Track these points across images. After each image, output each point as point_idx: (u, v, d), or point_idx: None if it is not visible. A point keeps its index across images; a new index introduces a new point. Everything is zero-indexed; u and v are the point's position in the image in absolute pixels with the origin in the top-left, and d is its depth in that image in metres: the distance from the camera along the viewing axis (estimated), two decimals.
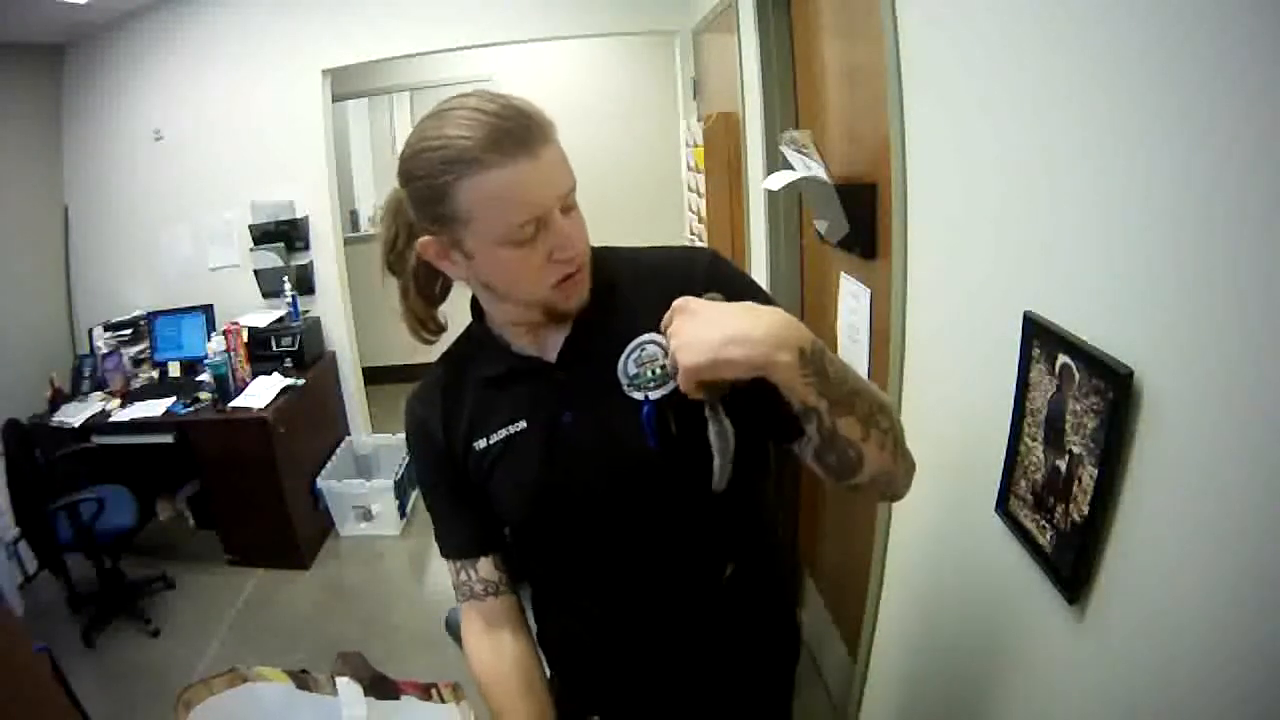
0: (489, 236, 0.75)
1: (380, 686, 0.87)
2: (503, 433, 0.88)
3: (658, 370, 0.83)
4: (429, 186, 0.74)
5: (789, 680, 1.06)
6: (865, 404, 0.73)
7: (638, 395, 0.83)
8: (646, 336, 0.84)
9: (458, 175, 0.71)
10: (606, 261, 0.88)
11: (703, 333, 0.68)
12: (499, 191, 0.71)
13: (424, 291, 0.89)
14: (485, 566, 0.94)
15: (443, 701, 0.89)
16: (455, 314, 0.96)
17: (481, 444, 0.89)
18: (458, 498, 0.93)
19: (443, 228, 0.76)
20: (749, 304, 0.72)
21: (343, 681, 0.84)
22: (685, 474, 0.83)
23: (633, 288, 0.87)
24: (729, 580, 0.91)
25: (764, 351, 0.67)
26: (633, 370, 0.84)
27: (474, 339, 0.93)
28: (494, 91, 0.75)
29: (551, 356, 0.87)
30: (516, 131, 0.71)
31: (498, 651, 0.93)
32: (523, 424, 0.87)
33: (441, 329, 0.92)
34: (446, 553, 0.96)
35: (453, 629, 0.91)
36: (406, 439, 0.96)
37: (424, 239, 0.79)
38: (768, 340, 0.68)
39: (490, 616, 0.94)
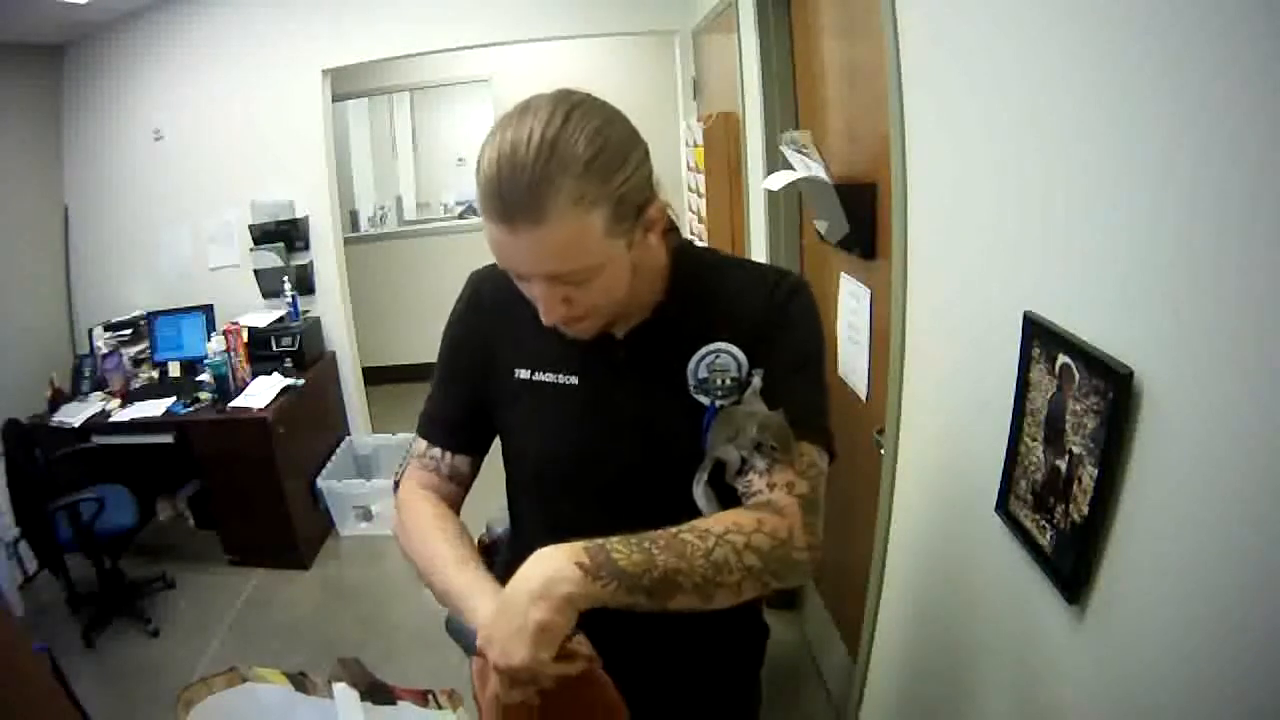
0: None
1: (377, 693, 0.87)
2: (550, 376, 0.89)
3: (728, 381, 0.85)
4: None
5: (753, 684, 1.05)
6: (698, 574, 0.70)
7: (704, 399, 0.86)
8: (721, 345, 0.86)
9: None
10: (696, 261, 0.91)
11: (502, 627, 0.65)
12: (487, 235, 0.74)
13: None
14: (461, 460, 0.95)
15: (440, 708, 0.88)
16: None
17: (524, 374, 0.90)
18: (471, 396, 0.94)
19: None
20: (517, 576, 0.68)
21: (339, 687, 0.84)
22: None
23: (714, 294, 0.89)
24: None
25: (548, 598, 0.64)
26: (703, 374, 0.86)
27: None
28: (553, 123, 0.72)
29: (620, 333, 0.89)
30: (505, 199, 0.70)
31: (439, 506, 0.90)
32: (574, 380, 0.89)
33: None
34: (430, 433, 0.96)
35: (453, 630, 0.90)
36: (456, 308, 0.96)
37: None
38: (544, 581, 0.65)
39: (439, 492, 0.93)
